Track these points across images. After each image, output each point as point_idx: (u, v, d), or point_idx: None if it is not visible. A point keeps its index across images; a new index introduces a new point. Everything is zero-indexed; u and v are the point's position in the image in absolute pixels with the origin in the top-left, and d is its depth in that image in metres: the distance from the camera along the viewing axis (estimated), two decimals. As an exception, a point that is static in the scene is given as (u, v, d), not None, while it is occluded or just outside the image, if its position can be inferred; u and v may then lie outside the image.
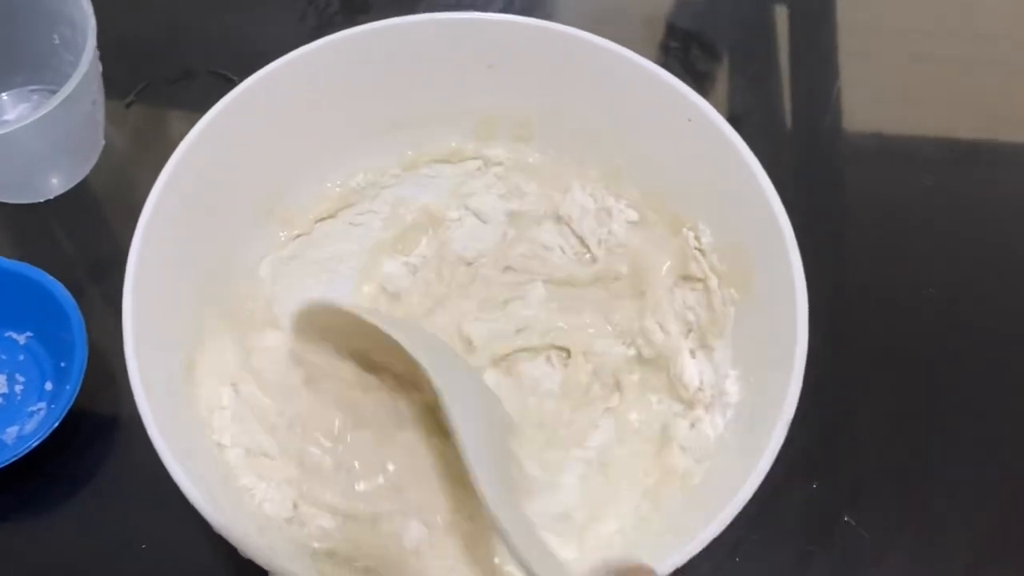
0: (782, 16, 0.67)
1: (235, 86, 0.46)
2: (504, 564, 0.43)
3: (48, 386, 0.50)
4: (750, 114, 0.62)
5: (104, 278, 0.54)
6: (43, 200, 0.56)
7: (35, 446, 0.46)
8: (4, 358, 0.51)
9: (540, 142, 0.52)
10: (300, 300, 0.47)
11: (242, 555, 0.37)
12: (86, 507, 0.49)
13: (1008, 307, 0.56)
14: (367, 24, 0.47)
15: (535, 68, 0.48)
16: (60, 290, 0.49)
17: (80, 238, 0.57)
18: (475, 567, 0.44)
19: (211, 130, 0.45)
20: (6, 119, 0.58)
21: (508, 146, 0.52)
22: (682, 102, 0.46)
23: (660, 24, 0.66)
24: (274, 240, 0.50)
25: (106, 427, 0.50)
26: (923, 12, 0.67)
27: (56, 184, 0.56)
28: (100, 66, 0.52)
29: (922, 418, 0.52)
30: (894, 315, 0.55)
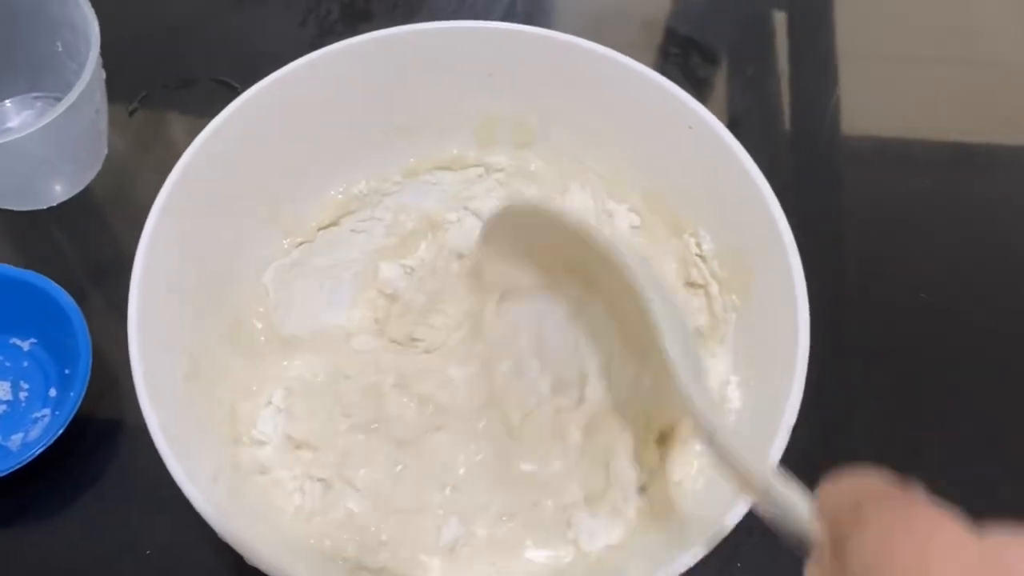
0: (781, 21, 0.67)
1: (237, 93, 0.46)
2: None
3: (52, 392, 0.50)
4: (749, 118, 0.62)
5: (107, 284, 0.54)
6: (46, 207, 0.56)
7: (39, 452, 0.46)
8: (8, 365, 0.51)
9: (541, 148, 0.52)
10: (493, 208, 0.48)
11: (247, 562, 0.37)
12: (90, 512, 0.49)
13: (1006, 308, 0.56)
14: (369, 33, 0.48)
15: (536, 76, 0.49)
16: (64, 297, 0.49)
17: (83, 245, 0.57)
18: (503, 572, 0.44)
19: (215, 139, 0.45)
20: (9, 126, 0.58)
21: (509, 153, 0.52)
22: (682, 109, 0.46)
23: (659, 29, 0.66)
24: (278, 247, 0.50)
25: (110, 432, 0.50)
26: (921, 16, 0.67)
27: (59, 191, 0.56)
28: (103, 73, 0.52)
29: (921, 420, 0.52)
30: (892, 317, 0.55)
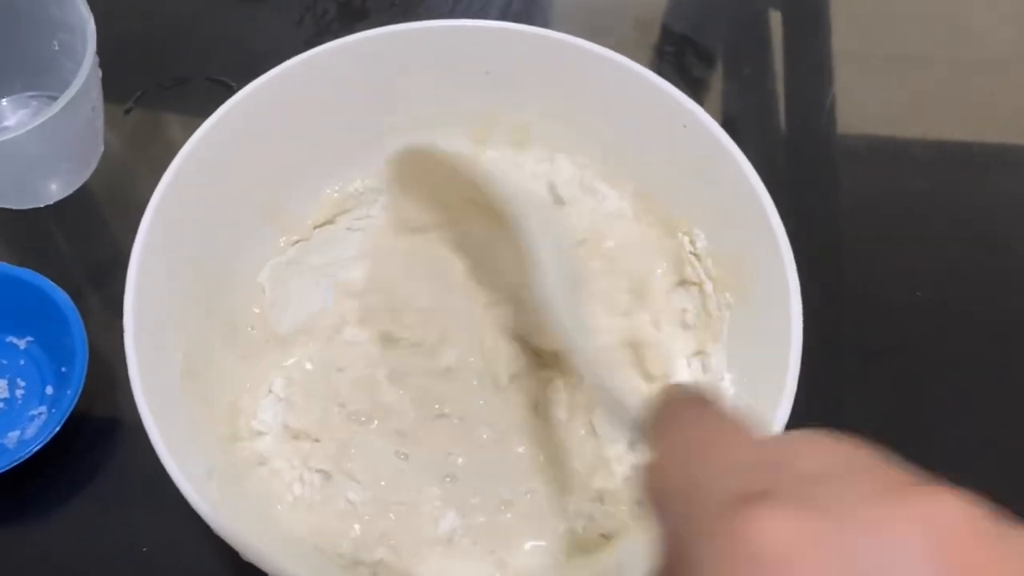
0: (776, 20, 0.67)
1: (233, 92, 0.46)
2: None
3: (49, 390, 0.50)
4: (744, 117, 0.62)
5: (103, 283, 0.54)
6: (42, 205, 0.56)
7: (36, 450, 0.46)
8: (5, 363, 0.51)
9: (536, 146, 0.52)
10: (396, 147, 0.49)
11: (243, 559, 0.37)
12: (87, 510, 0.49)
13: (1002, 307, 0.56)
14: (365, 32, 0.48)
15: (532, 75, 0.49)
16: (60, 295, 0.49)
17: (79, 243, 0.57)
18: (500, 563, 0.44)
19: (211, 137, 0.45)
20: (6, 125, 0.58)
21: (505, 151, 0.52)
22: (677, 108, 0.46)
23: (655, 28, 0.66)
24: (274, 245, 0.50)
25: (106, 430, 0.50)
26: (917, 16, 0.67)
27: (55, 190, 0.56)
28: (100, 72, 0.52)
29: (916, 419, 0.52)
30: (887, 317, 0.55)
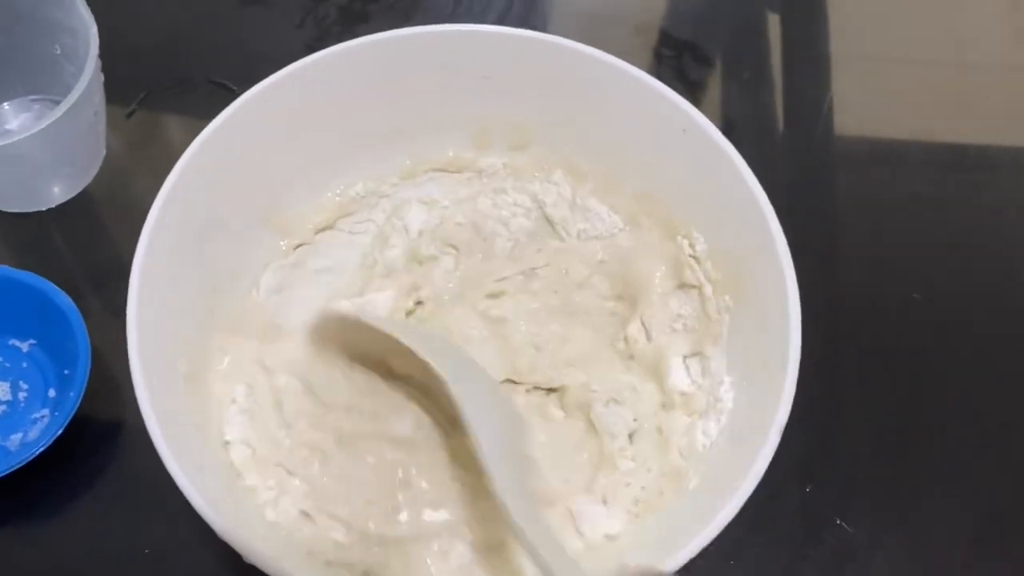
0: (775, 23, 0.67)
1: (235, 94, 0.46)
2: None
3: (51, 393, 0.51)
4: (743, 120, 0.62)
5: (105, 286, 0.54)
6: (45, 209, 0.57)
7: (39, 452, 0.47)
8: (8, 366, 0.52)
9: (536, 150, 0.52)
10: (313, 311, 0.48)
11: (245, 560, 0.38)
12: (89, 513, 0.49)
13: (1000, 308, 0.56)
14: (366, 36, 0.48)
15: (532, 78, 0.49)
16: (63, 298, 0.49)
17: (81, 246, 0.57)
18: None
19: (213, 141, 0.45)
20: (8, 129, 0.58)
21: (505, 155, 0.53)
22: (676, 112, 0.46)
23: (653, 32, 0.66)
24: (276, 249, 0.50)
25: (108, 433, 0.51)
26: (914, 19, 0.68)
27: (57, 193, 0.57)
28: (102, 76, 0.52)
29: (914, 421, 0.53)
30: (885, 319, 0.56)
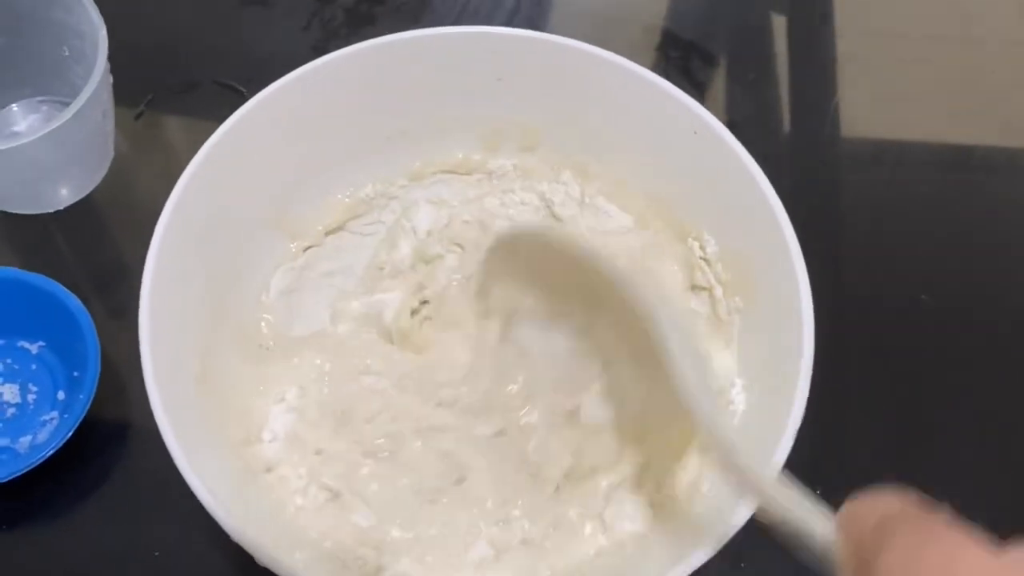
0: (780, 24, 0.67)
1: (242, 96, 0.47)
2: None
3: (60, 395, 0.51)
4: (748, 121, 0.62)
5: (112, 288, 0.54)
6: (52, 211, 0.57)
7: (48, 455, 0.47)
8: (17, 368, 0.51)
9: (546, 152, 0.52)
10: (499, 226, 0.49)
11: (258, 563, 0.38)
12: (97, 515, 0.49)
13: (1006, 309, 0.56)
14: (375, 39, 0.48)
15: (542, 80, 0.49)
16: (73, 300, 0.49)
17: (89, 248, 0.57)
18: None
19: (223, 145, 0.45)
20: (16, 130, 0.58)
21: (514, 156, 0.52)
22: (687, 114, 0.46)
23: (659, 32, 0.66)
24: (285, 251, 0.50)
25: (116, 436, 0.51)
26: (921, 18, 0.68)
27: (65, 195, 0.57)
28: (111, 78, 0.52)
29: (922, 423, 0.53)
30: (893, 319, 0.56)
